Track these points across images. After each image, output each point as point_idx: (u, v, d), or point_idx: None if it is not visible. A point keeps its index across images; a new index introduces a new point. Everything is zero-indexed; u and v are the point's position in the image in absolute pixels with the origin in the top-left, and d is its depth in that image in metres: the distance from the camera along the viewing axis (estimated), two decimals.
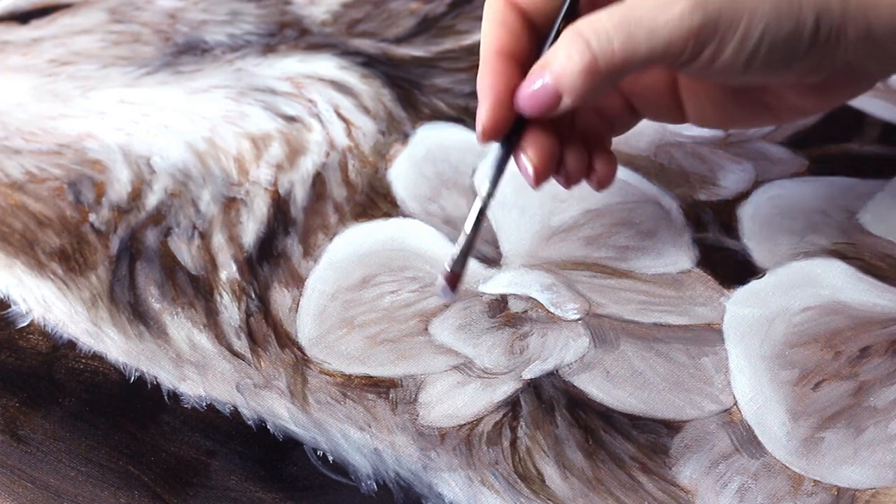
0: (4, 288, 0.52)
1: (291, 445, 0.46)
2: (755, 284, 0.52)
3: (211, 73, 0.64)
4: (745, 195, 0.56)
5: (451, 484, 0.44)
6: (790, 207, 0.55)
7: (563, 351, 0.49)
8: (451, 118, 0.61)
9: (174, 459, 0.45)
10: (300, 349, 0.49)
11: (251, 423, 0.47)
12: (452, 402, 0.47)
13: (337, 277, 0.53)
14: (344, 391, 0.48)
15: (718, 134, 0.59)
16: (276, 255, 0.54)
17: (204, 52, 0.66)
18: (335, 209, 0.56)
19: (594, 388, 0.48)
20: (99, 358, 0.49)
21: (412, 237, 0.54)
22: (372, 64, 0.65)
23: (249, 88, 0.63)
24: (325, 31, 0.68)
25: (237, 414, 0.47)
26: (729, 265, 0.52)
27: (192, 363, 0.49)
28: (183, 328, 0.51)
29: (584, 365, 0.48)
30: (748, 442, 0.46)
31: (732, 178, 0.57)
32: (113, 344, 0.50)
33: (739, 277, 0.52)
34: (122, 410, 0.47)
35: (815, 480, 0.44)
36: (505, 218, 0.55)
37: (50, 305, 0.52)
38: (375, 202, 0.56)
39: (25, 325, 0.51)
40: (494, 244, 0.53)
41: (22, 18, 0.69)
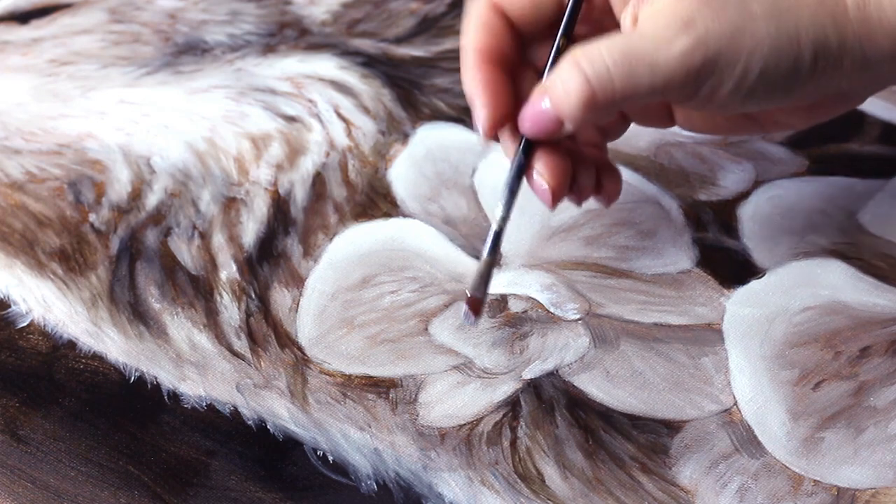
0: (4, 288, 0.52)
1: (291, 445, 0.46)
2: (755, 284, 0.52)
3: (211, 73, 0.64)
4: (745, 195, 0.56)
5: (451, 484, 0.44)
6: (790, 207, 0.55)
7: (563, 351, 0.49)
8: (451, 118, 0.61)
9: (174, 459, 0.45)
10: (300, 349, 0.49)
11: (251, 423, 0.47)
12: (452, 402, 0.47)
13: (337, 277, 0.53)
14: (344, 391, 0.48)
15: None
16: (276, 255, 0.54)
17: (204, 52, 0.66)
18: (335, 209, 0.56)
19: (594, 388, 0.48)
20: (99, 358, 0.49)
21: (412, 237, 0.54)
22: (372, 64, 0.65)
23: (249, 88, 0.63)
24: (325, 31, 0.68)
25: (237, 414, 0.47)
26: (729, 265, 0.52)
27: (192, 363, 0.49)
28: (183, 328, 0.51)
29: (584, 365, 0.48)
30: (748, 442, 0.46)
31: (732, 178, 0.57)
32: (113, 344, 0.50)
33: (739, 277, 0.52)
34: (122, 410, 0.47)
35: (815, 480, 0.44)
36: None
37: (50, 305, 0.52)
38: (375, 202, 0.56)
39: (25, 325, 0.51)
40: None
41: (22, 18, 0.69)
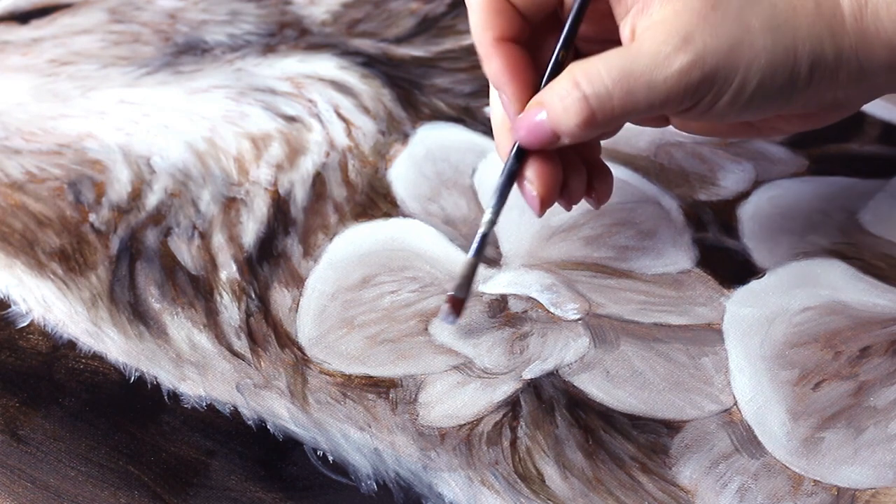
0: (4, 288, 0.52)
1: (291, 445, 0.46)
2: (755, 284, 0.52)
3: (211, 73, 0.64)
4: (745, 195, 0.56)
5: (451, 484, 0.44)
6: (790, 207, 0.55)
7: (563, 351, 0.49)
8: (451, 118, 0.61)
9: (174, 459, 0.45)
10: (300, 349, 0.49)
11: (251, 423, 0.47)
12: (452, 402, 0.47)
13: (337, 277, 0.53)
14: (344, 391, 0.48)
15: None
16: (276, 255, 0.54)
17: (204, 52, 0.66)
18: (335, 209, 0.56)
19: (594, 388, 0.48)
20: (99, 358, 0.49)
21: (412, 237, 0.54)
22: (372, 64, 0.65)
23: (249, 88, 0.63)
24: (325, 31, 0.68)
25: (237, 414, 0.47)
26: (729, 265, 0.52)
27: (192, 363, 0.49)
28: (183, 328, 0.51)
29: (584, 365, 0.48)
30: (748, 442, 0.46)
31: (732, 178, 0.57)
32: (113, 344, 0.50)
33: (739, 277, 0.52)
34: (122, 410, 0.47)
35: (815, 480, 0.44)
36: (505, 218, 0.55)
37: (50, 305, 0.52)
38: (375, 202, 0.56)
39: (25, 325, 0.51)
40: (494, 244, 0.53)
41: (22, 18, 0.69)
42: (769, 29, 0.42)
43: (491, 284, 0.52)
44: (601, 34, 0.47)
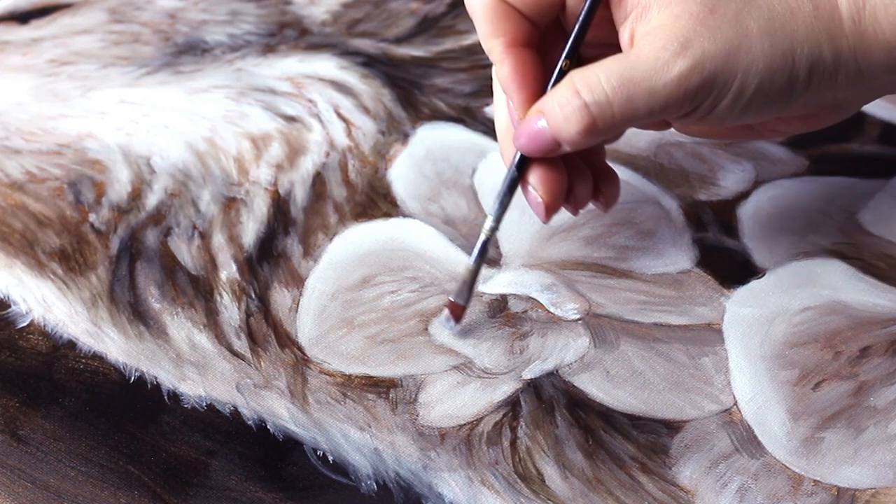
0: (4, 288, 0.52)
1: (291, 445, 0.46)
2: (755, 284, 0.52)
3: (211, 73, 0.64)
4: (745, 195, 0.56)
5: (451, 484, 0.44)
6: (790, 207, 0.55)
7: (563, 351, 0.49)
8: (451, 118, 0.61)
9: (174, 459, 0.45)
10: (300, 349, 0.49)
11: (251, 423, 0.47)
12: (452, 402, 0.47)
13: (337, 277, 0.52)
14: (344, 391, 0.48)
15: None
16: (276, 255, 0.54)
17: (204, 52, 0.66)
18: (335, 209, 0.56)
19: (594, 388, 0.48)
20: (99, 358, 0.49)
21: (412, 237, 0.54)
22: (372, 64, 0.65)
23: (249, 88, 0.63)
24: (325, 31, 0.68)
25: (237, 414, 0.47)
26: (729, 265, 0.52)
27: (192, 363, 0.49)
28: (183, 328, 0.51)
29: (584, 365, 0.48)
30: (748, 442, 0.46)
31: (732, 178, 0.57)
32: (113, 344, 0.50)
33: (739, 277, 0.52)
34: (122, 410, 0.47)
35: (815, 480, 0.44)
36: (505, 218, 0.55)
37: (50, 305, 0.52)
38: (375, 202, 0.56)
39: (25, 325, 0.51)
40: (495, 244, 0.53)
41: (22, 18, 0.69)
42: (767, 32, 0.42)
43: (491, 284, 0.52)
44: (601, 38, 0.47)
